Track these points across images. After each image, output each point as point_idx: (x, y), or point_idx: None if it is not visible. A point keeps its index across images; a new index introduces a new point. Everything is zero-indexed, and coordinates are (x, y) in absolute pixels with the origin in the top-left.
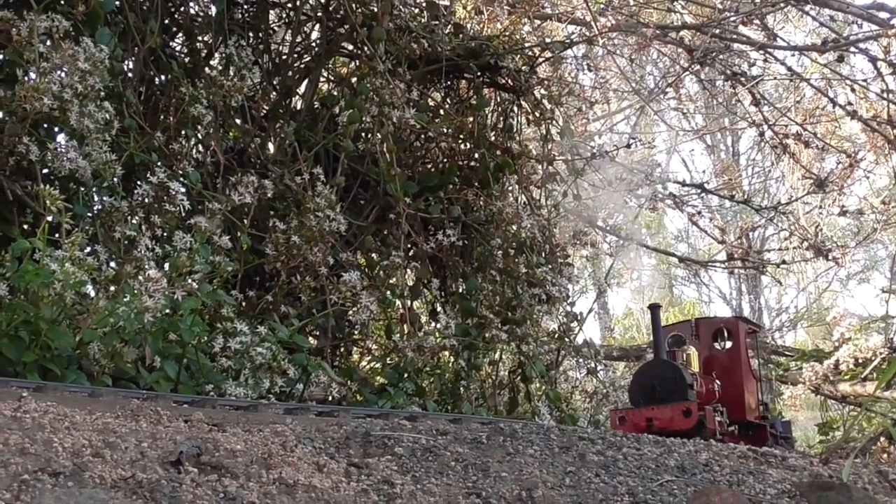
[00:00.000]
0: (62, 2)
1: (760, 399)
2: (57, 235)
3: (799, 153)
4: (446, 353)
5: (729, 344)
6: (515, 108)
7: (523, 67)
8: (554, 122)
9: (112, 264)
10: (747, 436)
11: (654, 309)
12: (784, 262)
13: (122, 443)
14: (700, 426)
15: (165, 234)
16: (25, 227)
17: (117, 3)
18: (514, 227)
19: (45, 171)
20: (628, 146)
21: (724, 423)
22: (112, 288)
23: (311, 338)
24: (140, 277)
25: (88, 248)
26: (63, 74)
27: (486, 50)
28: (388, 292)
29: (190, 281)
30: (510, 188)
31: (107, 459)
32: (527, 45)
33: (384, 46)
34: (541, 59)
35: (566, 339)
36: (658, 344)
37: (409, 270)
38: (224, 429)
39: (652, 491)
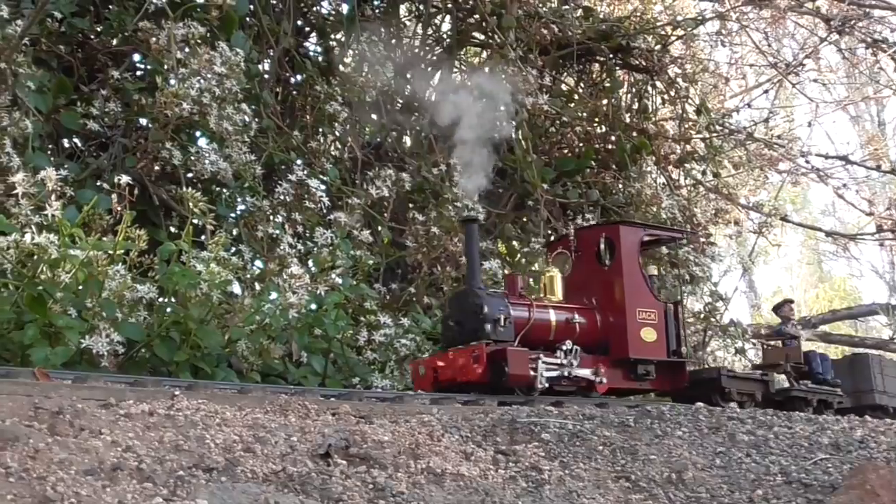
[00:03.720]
0: (198, 9)
1: (674, 331)
2: (202, 237)
3: None
4: None
5: (615, 260)
6: (649, 89)
7: (656, 47)
8: (689, 100)
9: (256, 263)
10: (643, 378)
11: (468, 223)
12: None
13: (271, 437)
14: (498, 375)
15: (307, 231)
16: (172, 230)
17: (251, 6)
18: (654, 208)
19: (189, 174)
20: (767, 121)
21: (566, 365)
22: (257, 286)
23: None
24: (284, 275)
25: (233, 248)
26: (201, 79)
27: (617, 31)
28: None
29: (332, 276)
30: (648, 169)
31: (258, 454)
32: (658, 24)
33: (514, 34)
34: (673, 38)
35: (712, 320)
36: (472, 268)
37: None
38: (371, 420)
39: (805, 469)
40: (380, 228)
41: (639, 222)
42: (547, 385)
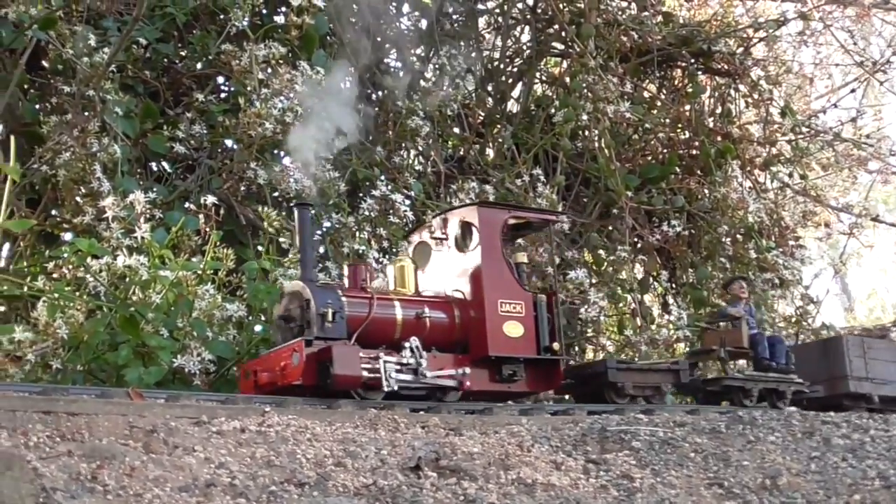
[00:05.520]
0: (278, 30)
1: (547, 325)
2: (289, 255)
3: None
4: (681, 344)
5: (473, 246)
6: (732, 92)
7: (737, 50)
8: (774, 102)
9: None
10: (511, 380)
11: (301, 209)
12: None
13: (362, 451)
14: (325, 377)
15: (392, 245)
16: (259, 248)
17: (330, 25)
18: (741, 213)
19: (274, 193)
20: (854, 121)
21: (410, 365)
22: None
23: None
24: None
25: (319, 265)
26: (283, 99)
27: (697, 36)
28: (618, 288)
29: None
30: (733, 173)
31: (348, 468)
32: (739, 26)
33: (594, 42)
34: (755, 40)
35: (804, 323)
36: (303, 258)
37: (636, 264)
38: (460, 432)
39: None
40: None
41: (502, 203)
42: (395, 388)
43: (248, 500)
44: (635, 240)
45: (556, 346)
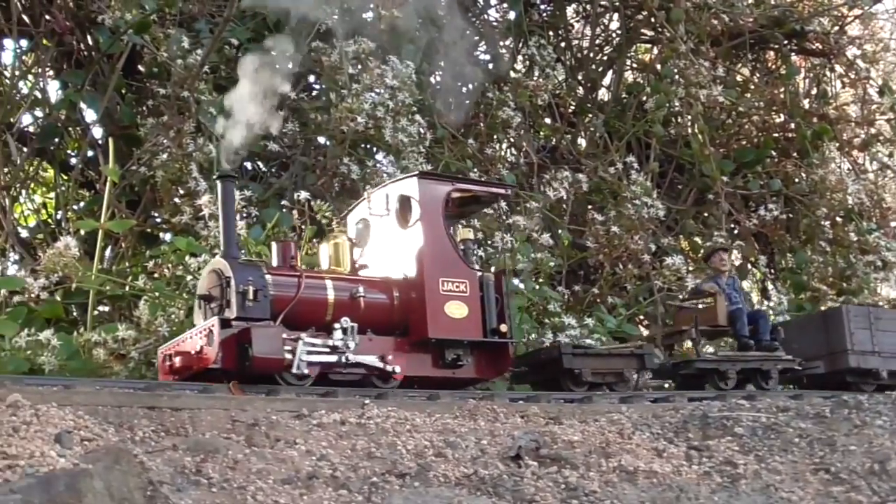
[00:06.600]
0: (367, 25)
1: (495, 306)
2: None
3: None
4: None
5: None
6: (828, 72)
7: (832, 29)
8: (871, 81)
9: None
10: (455, 365)
11: (224, 181)
12: None
13: (462, 442)
14: (241, 359)
15: (487, 237)
16: None
17: (419, 20)
18: (840, 195)
19: (368, 188)
20: None
21: (341, 348)
22: None
23: (641, 326)
24: None
25: None
26: (374, 94)
27: (790, 16)
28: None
29: (515, 280)
30: (831, 155)
31: (449, 458)
32: (833, 4)
33: (684, 27)
34: (850, 18)
35: None
36: (226, 233)
37: (734, 250)
38: (560, 421)
39: None
40: (559, 231)
41: (446, 174)
42: (306, 371)
43: (350, 492)
44: (732, 225)
45: (503, 327)
